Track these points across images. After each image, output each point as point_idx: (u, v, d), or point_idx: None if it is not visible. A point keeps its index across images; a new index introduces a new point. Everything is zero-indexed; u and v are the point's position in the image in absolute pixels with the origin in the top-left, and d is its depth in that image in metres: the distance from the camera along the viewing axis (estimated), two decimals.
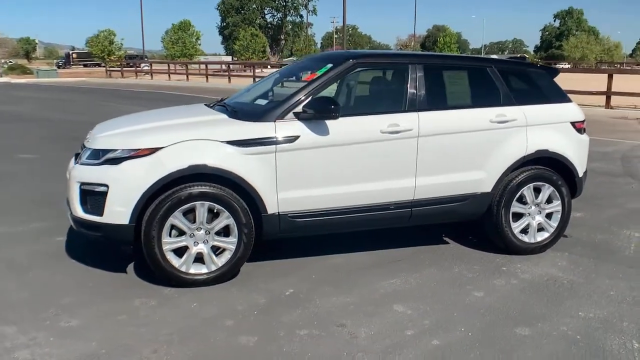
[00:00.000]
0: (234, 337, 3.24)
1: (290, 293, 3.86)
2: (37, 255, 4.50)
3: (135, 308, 3.59)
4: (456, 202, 4.42)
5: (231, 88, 27.10)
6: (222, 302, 3.71)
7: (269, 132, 3.91)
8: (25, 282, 3.98)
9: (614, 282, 4.14)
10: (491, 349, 3.15)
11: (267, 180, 3.92)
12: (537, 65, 5.20)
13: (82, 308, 3.57)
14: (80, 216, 3.89)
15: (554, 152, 4.60)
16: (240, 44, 51.29)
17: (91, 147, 3.95)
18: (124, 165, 3.74)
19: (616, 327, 3.43)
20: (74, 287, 3.89)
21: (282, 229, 4.06)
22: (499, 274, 4.26)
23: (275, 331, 3.33)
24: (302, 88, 4.10)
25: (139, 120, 4.43)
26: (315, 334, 3.29)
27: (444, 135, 4.30)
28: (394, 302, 3.74)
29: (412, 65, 4.33)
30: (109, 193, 3.72)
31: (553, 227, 4.71)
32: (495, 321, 3.49)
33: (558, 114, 4.70)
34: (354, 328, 3.37)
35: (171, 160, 3.73)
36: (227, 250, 3.93)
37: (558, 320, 3.51)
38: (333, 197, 4.09)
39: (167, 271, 3.82)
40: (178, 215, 3.78)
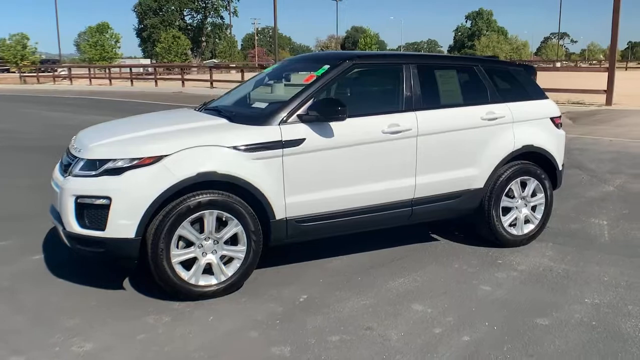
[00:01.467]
0: (267, 349, 3.13)
1: (304, 299, 3.79)
2: (19, 276, 4.15)
3: (151, 326, 3.39)
4: (452, 198, 4.51)
5: (160, 92, 26.33)
6: (238, 313, 3.57)
7: (275, 135, 3.81)
8: (17, 306, 3.65)
9: (603, 268, 4.37)
10: (521, 341, 3.23)
11: (275, 185, 3.82)
12: (517, 64, 5.40)
13: (92, 330, 3.32)
14: (76, 232, 3.61)
15: (538, 146, 4.80)
16: (162, 47, 49.84)
17: (85, 157, 3.68)
18: (127, 176, 3.51)
19: (623, 311, 3.62)
20: (74, 308, 3.61)
21: (289, 235, 3.98)
22: (497, 267, 4.39)
23: (305, 339, 3.25)
24: (303, 90, 4.03)
25: (131, 127, 4.18)
26: (347, 339, 3.25)
27: (440, 133, 4.37)
28: (411, 301, 3.76)
29: (407, 65, 4.37)
30: (112, 206, 3.49)
31: (538, 219, 4.91)
32: (513, 313, 3.59)
33: (539, 110, 4.91)
34: (383, 330, 3.36)
35: (179, 168, 3.55)
36: (236, 259, 3.79)
37: (569, 308, 3.66)
38: (338, 199, 4.05)
39: (176, 285, 3.63)
40: (186, 225, 3.61)
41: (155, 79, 29.67)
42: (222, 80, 28.85)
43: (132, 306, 3.66)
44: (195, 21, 64.86)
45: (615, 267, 4.38)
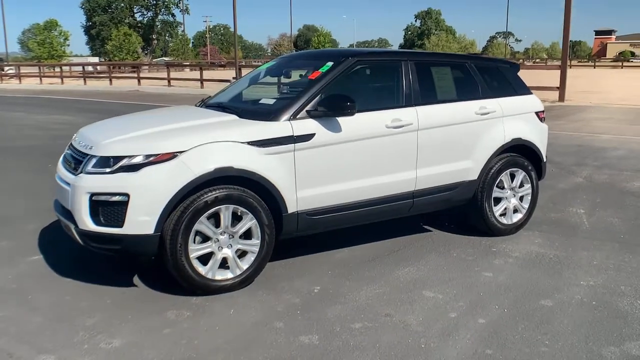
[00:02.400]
0: (295, 338, 3.21)
1: (318, 290, 3.88)
2: (23, 277, 4.07)
3: (173, 321, 3.41)
4: (449, 190, 4.69)
5: (116, 90, 25.71)
6: (258, 306, 3.63)
7: (287, 131, 3.89)
8: (32, 307, 3.59)
9: (590, 253, 4.65)
10: (532, 321, 3.42)
11: (287, 179, 3.90)
12: (504, 60, 5.65)
13: (115, 327, 3.32)
14: (90, 229, 3.59)
15: (526, 139, 5.05)
16: (113, 44, 48.58)
17: (98, 154, 3.65)
18: (146, 172, 3.52)
19: (617, 291, 3.88)
20: (90, 307, 3.59)
21: (299, 228, 4.06)
22: (493, 255, 4.60)
23: (330, 327, 3.34)
24: (310, 86, 4.12)
25: (140, 124, 4.16)
26: (370, 326, 3.36)
27: (438, 128, 4.55)
28: (421, 288, 3.91)
29: (405, 62, 4.52)
30: (130, 202, 3.48)
31: (525, 208, 5.17)
32: (519, 297, 3.79)
33: (525, 105, 5.16)
34: (401, 316, 3.49)
35: (197, 164, 3.57)
36: (250, 252, 3.85)
37: (568, 290, 3.90)
38: (346, 192, 4.16)
39: (194, 280, 3.66)
40: (204, 220, 3.64)
41: (109, 77, 28.93)
42: (180, 79, 28.48)
43: (148, 302, 3.66)
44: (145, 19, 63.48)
45: (600, 252, 4.66)
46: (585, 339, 3.21)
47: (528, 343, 3.17)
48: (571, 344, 3.17)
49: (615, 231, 5.25)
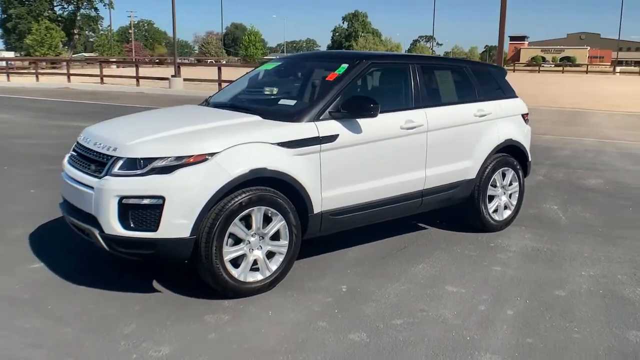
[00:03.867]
0: (345, 336, 3.26)
1: (346, 289, 3.94)
2: (32, 287, 3.85)
3: (215, 325, 3.36)
4: (452, 189, 4.89)
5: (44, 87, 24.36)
6: (293, 306, 3.65)
7: (313, 132, 3.92)
8: (56, 318, 3.41)
9: (578, 246, 4.99)
10: (555, 311, 3.65)
11: (314, 180, 3.93)
12: (494, 65, 5.91)
13: (158, 334, 3.23)
14: (119, 234, 3.46)
15: (515, 140, 5.34)
16: (34, 39, 45.86)
17: (125, 156, 3.52)
18: (181, 174, 3.44)
19: (617, 280, 4.21)
20: (120, 315, 3.46)
21: (322, 228, 4.10)
22: (494, 250, 4.84)
23: (373, 324, 3.42)
24: (330, 88, 4.16)
25: (161, 124, 4.05)
26: (410, 322, 3.47)
27: (444, 129, 4.72)
28: (442, 284, 4.06)
29: (412, 65, 4.66)
30: (165, 205, 3.39)
31: (514, 205, 5.47)
32: (533, 288, 4.02)
33: (513, 108, 5.46)
34: (436, 311, 3.62)
35: (232, 165, 3.54)
36: (278, 254, 3.85)
37: (574, 280, 4.18)
38: (365, 192, 4.25)
39: (228, 283, 3.61)
40: (237, 222, 3.61)
41: (36, 73, 27.35)
42: (113, 76, 27.40)
43: (179, 307, 3.58)
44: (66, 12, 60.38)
45: (587, 245, 5.01)
46: (607, 325, 3.47)
47: (560, 331, 3.38)
48: (597, 329, 3.41)
49: (592, 225, 5.66)
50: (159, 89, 23.51)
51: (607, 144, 11.46)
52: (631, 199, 6.79)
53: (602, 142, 11.60)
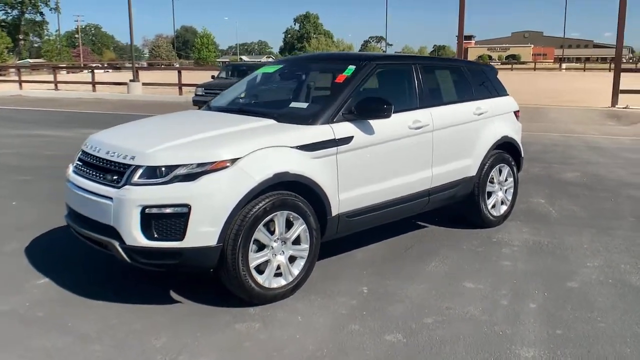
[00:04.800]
0: (381, 338, 3.26)
1: (367, 291, 3.94)
2: (44, 304, 3.68)
3: (247, 333, 3.30)
4: (455, 187, 4.96)
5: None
6: (320, 310, 3.62)
7: (329, 134, 3.90)
8: (80, 335, 3.26)
9: (576, 238, 5.15)
10: (575, 302, 3.75)
11: (332, 182, 3.91)
12: (487, 65, 6.03)
13: (191, 346, 3.15)
14: (142, 245, 3.36)
15: (510, 137, 5.47)
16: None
17: (144, 164, 3.41)
18: (206, 180, 3.36)
19: (622, 270, 4.36)
20: (147, 328, 3.36)
21: (339, 230, 4.09)
22: (498, 245, 4.94)
23: (405, 324, 3.43)
24: (341, 89, 4.16)
25: (173, 131, 3.96)
26: (441, 320, 3.50)
27: (448, 128, 4.79)
28: (459, 281, 4.12)
29: (414, 65, 4.71)
30: (192, 213, 3.31)
31: (509, 200, 5.60)
32: (547, 281, 4.12)
33: (506, 106, 5.59)
34: (462, 308, 3.66)
35: (256, 170, 3.48)
36: (299, 258, 3.82)
37: (582, 272, 4.31)
38: (378, 193, 4.26)
39: (254, 290, 3.55)
40: (262, 228, 3.56)
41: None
42: (67, 82, 26.52)
43: (205, 317, 3.50)
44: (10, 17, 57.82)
45: (584, 237, 5.18)
46: (626, 313, 3.60)
47: (584, 321, 3.48)
48: (619, 318, 3.53)
49: (581, 217, 5.85)
50: (117, 94, 22.94)
51: (573, 138, 11.87)
52: (609, 190, 7.05)
53: (568, 137, 12.01)
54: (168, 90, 24.65)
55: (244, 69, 17.76)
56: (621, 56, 18.15)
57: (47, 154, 9.57)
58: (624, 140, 11.62)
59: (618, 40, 17.34)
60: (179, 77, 22.62)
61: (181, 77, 22.70)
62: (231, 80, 16.63)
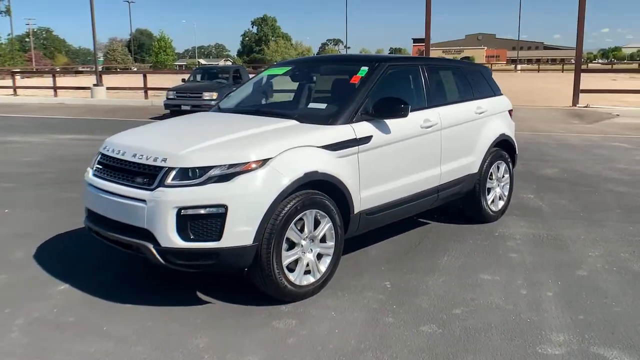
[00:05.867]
0: (417, 329, 3.37)
1: (391, 285, 4.04)
2: (71, 309, 3.64)
3: (287, 330, 3.35)
4: (460, 183, 5.13)
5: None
6: (351, 305, 3.70)
7: (350, 134, 4.00)
8: (119, 339, 3.25)
9: (572, 230, 5.40)
10: (587, 289, 3.95)
11: (354, 181, 4.00)
12: (483, 65, 6.22)
13: (235, 344, 3.19)
14: (178, 246, 3.37)
15: (507, 135, 5.69)
16: None
17: (177, 166, 3.43)
18: (241, 180, 3.39)
19: (622, 258, 4.61)
20: (186, 329, 3.37)
21: (359, 228, 4.19)
22: (501, 239, 5.13)
23: (436, 316, 3.55)
24: (357, 90, 4.26)
25: (195, 132, 3.99)
26: (468, 310, 3.63)
27: (454, 126, 4.96)
28: (475, 273, 4.27)
29: (421, 66, 4.86)
30: (229, 213, 3.34)
31: (506, 196, 5.82)
32: (557, 270, 4.31)
33: (502, 104, 5.81)
34: (485, 299, 3.81)
35: (287, 170, 3.54)
36: (325, 255, 3.89)
37: (587, 260, 4.53)
38: (394, 190, 4.38)
39: (286, 288, 3.61)
40: (293, 226, 3.62)
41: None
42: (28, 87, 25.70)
43: (240, 316, 3.54)
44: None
45: (578, 228, 5.43)
46: (638, 297, 3.82)
47: (602, 306, 3.68)
48: (632, 302, 3.74)
49: (572, 210, 6.12)
50: (80, 98, 22.40)
51: (543, 136, 12.32)
52: (591, 185, 7.38)
53: (538, 135, 12.44)
54: (132, 94, 24.26)
55: (214, 72, 17.66)
56: (581, 57, 18.90)
57: (25, 161, 9.33)
58: (591, 138, 12.12)
59: (578, 41, 18.05)
60: (144, 81, 22.26)
61: (147, 80, 22.35)
62: (203, 83, 16.54)
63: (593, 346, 3.17)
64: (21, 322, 3.45)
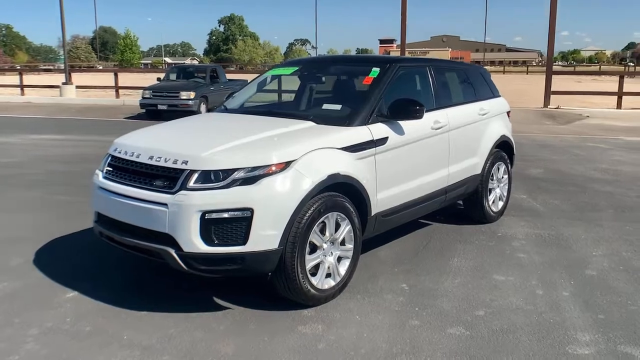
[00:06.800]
0: (445, 332, 3.36)
1: (409, 288, 4.02)
2: (87, 318, 3.50)
3: (315, 335, 3.30)
4: (465, 184, 5.16)
5: None
6: (373, 308, 3.67)
7: (368, 135, 3.97)
8: (143, 347, 3.14)
9: (571, 229, 5.49)
10: (601, 289, 4.00)
11: (372, 182, 3.97)
12: (482, 67, 6.27)
13: (264, 350, 3.11)
14: (202, 251, 3.28)
15: (507, 136, 5.76)
16: None
17: (199, 168, 3.33)
18: (266, 183, 3.32)
19: (624, 257, 4.70)
20: (210, 336, 3.28)
21: (375, 229, 4.16)
22: (505, 239, 5.17)
23: (461, 318, 3.54)
24: (371, 91, 4.24)
25: (212, 133, 3.91)
26: (490, 311, 3.64)
27: (460, 128, 4.98)
28: (489, 274, 4.29)
29: (430, 67, 4.87)
30: (255, 217, 3.26)
31: (505, 196, 5.88)
32: (566, 270, 4.37)
33: (502, 106, 5.87)
34: (503, 300, 3.83)
35: (311, 172, 3.48)
36: (345, 258, 3.85)
37: (593, 260, 4.61)
38: (407, 192, 4.36)
39: (309, 292, 3.55)
40: (316, 230, 3.56)
41: None
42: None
43: (264, 322, 3.46)
44: None
45: (577, 228, 5.53)
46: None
47: (618, 305, 3.74)
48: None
49: (566, 211, 6.22)
50: (49, 97, 21.73)
51: (520, 136, 12.43)
52: (577, 185, 7.54)
53: (515, 136, 12.26)
54: (102, 93, 23.73)
55: (191, 71, 17.40)
56: (552, 59, 19.33)
57: (4, 162, 9.01)
58: (567, 138, 12.40)
59: (549, 44, 18.45)
60: (115, 80, 21.77)
61: (118, 79, 21.86)
62: (179, 83, 16.27)
63: (620, 345, 3.21)
64: (35, 333, 3.30)
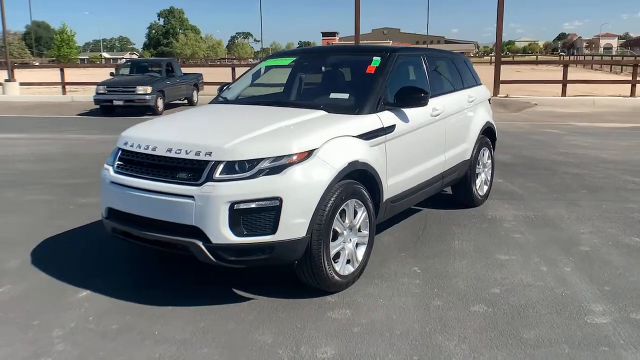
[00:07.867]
0: (469, 310, 3.48)
1: (420, 270, 4.13)
2: (109, 316, 3.41)
3: (346, 320, 3.35)
4: (457, 170, 5.32)
5: None
6: (393, 292, 3.75)
7: (378, 123, 4.03)
8: (178, 342, 3.11)
9: (555, 210, 5.75)
10: (600, 264, 4.23)
11: (384, 169, 4.05)
12: (465, 56, 6.43)
13: (301, 337, 3.15)
14: (232, 242, 3.26)
15: (491, 122, 5.96)
16: None
17: (224, 159, 3.30)
18: (292, 172, 3.33)
19: (611, 233, 4.98)
20: (242, 327, 3.28)
21: (384, 215, 4.24)
22: (496, 222, 5.37)
23: (479, 296, 3.68)
24: (376, 80, 4.30)
25: (230, 123, 3.88)
26: (505, 289, 3.79)
27: (453, 115, 5.12)
28: (491, 254, 4.46)
29: (424, 56, 4.98)
30: (283, 206, 3.27)
31: (489, 180, 6.10)
32: (563, 247, 4.59)
33: (485, 93, 6.07)
34: (513, 277, 3.99)
35: (334, 160, 3.52)
36: (361, 244, 3.91)
37: (583, 237, 4.86)
38: (412, 178, 4.47)
39: (333, 279, 3.60)
40: (338, 217, 3.60)
41: None
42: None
43: (293, 310, 3.49)
44: None
45: (559, 208, 5.80)
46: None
47: (618, 276, 3.98)
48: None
49: (544, 192, 6.51)
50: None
51: None
52: (546, 168, 7.89)
53: None
54: (47, 90, 22.79)
55: (145, 65, 16.97)
56: (500, 49, 19.99)
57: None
58: (522, 125, 12.91)
59: (497, 35, 19.08)
60: (62, 76, 20.94)
61: (64, 75, 21.03)
62: (135, 77, 15.85)
63: (631, 313, 3.43)
64: (60, 334, 3.20)
